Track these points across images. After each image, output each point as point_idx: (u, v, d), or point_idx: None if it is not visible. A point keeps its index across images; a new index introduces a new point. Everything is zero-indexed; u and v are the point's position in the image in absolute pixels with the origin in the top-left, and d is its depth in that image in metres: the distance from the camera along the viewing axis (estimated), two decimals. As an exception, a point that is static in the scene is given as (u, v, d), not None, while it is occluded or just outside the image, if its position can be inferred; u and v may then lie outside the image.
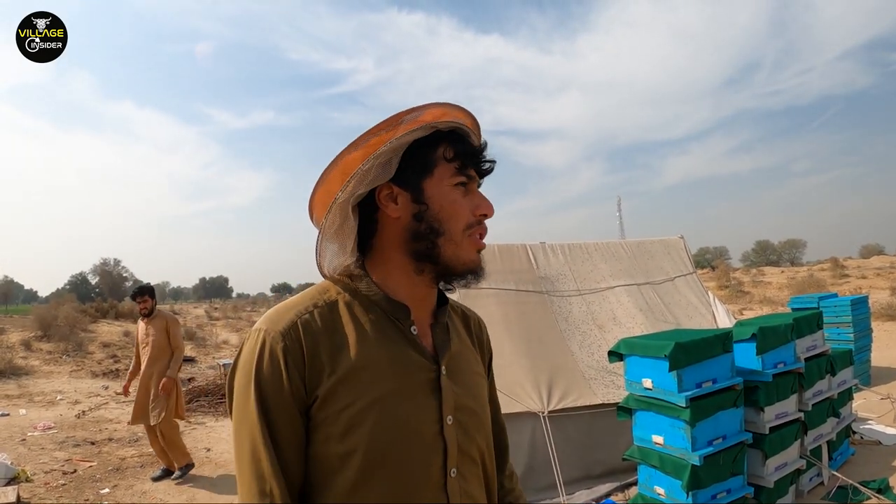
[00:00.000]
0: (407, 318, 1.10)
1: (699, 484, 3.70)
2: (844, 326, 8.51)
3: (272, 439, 0.97)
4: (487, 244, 1.14)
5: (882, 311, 15.31)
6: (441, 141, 1.10)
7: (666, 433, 3.86)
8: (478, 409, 1.16)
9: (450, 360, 1.13)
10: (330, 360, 1.00)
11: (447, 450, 1.06)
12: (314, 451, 1.00)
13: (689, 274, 7.00)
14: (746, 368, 4.25)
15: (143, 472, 6.38)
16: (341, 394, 0.99)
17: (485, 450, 1.18)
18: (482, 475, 1.17)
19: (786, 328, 4.49)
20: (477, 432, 1.13)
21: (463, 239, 1.09)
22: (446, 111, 1.10)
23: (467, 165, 1.10)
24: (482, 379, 1.24)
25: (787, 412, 4.40)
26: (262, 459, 0.96)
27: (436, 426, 1.05)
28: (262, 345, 1.00)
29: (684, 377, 3.73)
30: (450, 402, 1.08)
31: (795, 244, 73.96)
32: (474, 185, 1.13)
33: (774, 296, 24.32)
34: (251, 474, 0.96)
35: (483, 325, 1.36)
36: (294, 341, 1.00)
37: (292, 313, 1.04)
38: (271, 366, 0.99)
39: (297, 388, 0.99)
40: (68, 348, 15.22)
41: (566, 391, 5.02)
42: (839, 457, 5.31)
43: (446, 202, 1.09)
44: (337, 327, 1.05)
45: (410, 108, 1.07)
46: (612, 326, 5.84)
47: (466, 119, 1.14)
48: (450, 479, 1.06)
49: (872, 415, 6.88)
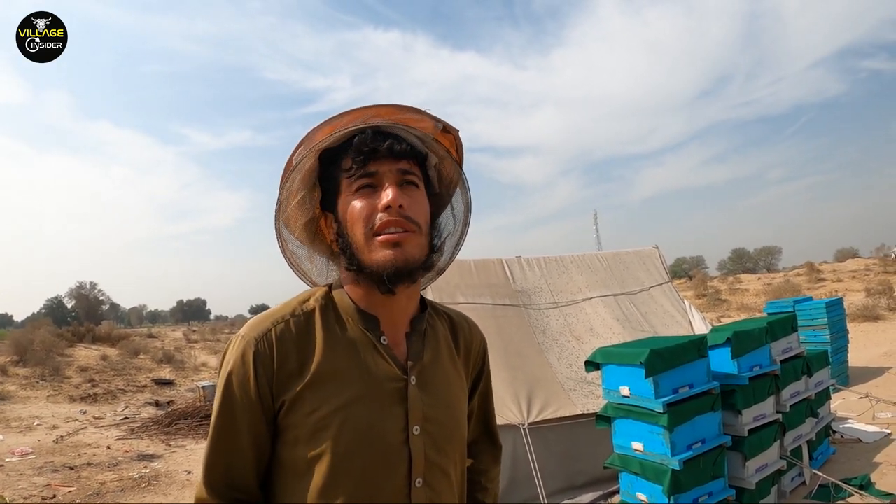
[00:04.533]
0: (376, 328, 1.11)
1: (680, 488, 3.71)
2: (820, 329, 8.61)
3: (229, 439, 1.03)
4: (463, 259, 1.14)
5: (858, 313, 15.53)
6: (342, 153, 1.08)
7: (645, 439, 3.86)
8: (449, 421, 1.14)
9: (421, 371, 1.12)
10: (299, 368, 1.03)
11: (412, 460, 1.05)
12: (282, 456, 1.04)
13: (664, 283, 7.06)
14: (722, 372, 4.28)
15: (123, 496, 6.30)
16: (308, 399, 1.01)
17: (458, 463, 1.16)
18: (456, 486, 1.16)
19: (760, 332, 4.54)
20: (447, 444, 1.12)
21: (367, 241, 1.05)
22: (334, 125, 1.08)
23: (365, 163, 1.05)
24: (461, 390, 1.22)
25: (765, 414, 4.43)
26: (217, 454, 1.04)
27: (401, 435, 1.06)
28: (236, 349, 1.05)
29: (661, 383, 3.75)
30: (417, 413, 1.08)
31: (771, 251, 74.91)
32: (388, 177, 1.06)
33: (752, 302, 24.57)
34: (204, 466, 1.05)
35: (476, 331, 1.32)
36: (266, 347, 1.03)
37: (269, 321, 1.07)
38: (242, 369, 1.03)
39: (265, 393, 1.02)
40: (45, 373, 14.93)
41: (546, 403, 5.02)
42: (820, 456, 5.35)
43: (348, 212, 1.07)
44: (310, 336, 1.07)
45: (301, 140, 1.10)
46: (590, 338, 5.86)
47: (371, 116, 1.09)
48: (415, 489, 1.05)
49: (851, 414, 6.95)
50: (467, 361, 1.27)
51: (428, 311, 1.21)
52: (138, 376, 16.18)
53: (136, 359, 18.92)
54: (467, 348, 1.27)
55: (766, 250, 75.23)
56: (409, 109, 1.11)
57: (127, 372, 16.52)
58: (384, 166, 1.06)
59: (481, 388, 1.33)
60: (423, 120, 1.13)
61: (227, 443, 1.04)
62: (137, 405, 12.47)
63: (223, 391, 1.04)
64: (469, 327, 1.31)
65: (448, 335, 1.24)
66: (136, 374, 16.41)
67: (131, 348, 19.88)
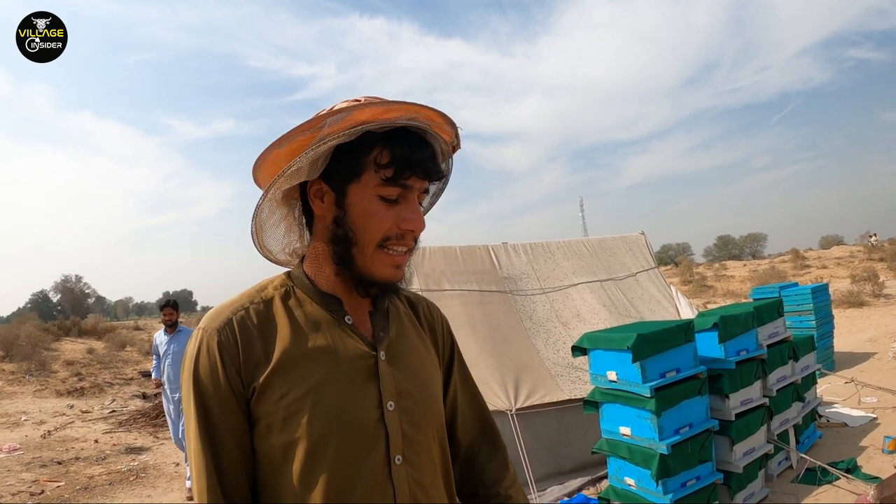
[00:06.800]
0: (340, 308, 1.09)
1: (668, 472, 3.72)
2: (806, 314, 8.66)
3: (209, 435, 0.99)
4: (449, 246, 1.12)
5: (843, 299, 15.63)
6: (379, 141, 1.01)
7: (633, 424, 3.87)
8: (424, 395, 1.12)
9: (390, 346, 1.10)
10: (265, 354, 1.01)
11: (389, 436, 1.04)
12: (259, 446, 1.01)
13: (650, 269, 7.08)
14: (709, 357, 4.29)
15: (111, 490, 6.27)
16: (277, 384, 0.99)
17: (436, 437, 1.14)
18: (439, 464, 1.14)
19: (747, 316, 4.55)
20: (423, 418, 1.10)
21: (375, 253, 1.04)
22: (386, 111, 1.00)
23: (403, 175, 1.02)
24: (432, 366, 1.20)
25: (751, 398, 4.44)
26: (200, 455, 0.98)
27: (376, 413, 1.04)
28: (199, 342, 1.02)
29: (648, 368, 3.75)
30: (390, 388, 1.06)
31: (756, 238, 75.59)
32: (412, 194, 1.05)
33: (737, 289, 24.69)
34: (195, 470, 0.99)
35: (435, 309, 1.32)
36: (229, 337, 1.01)
37: (229, 311, 1.05)
38: (208, 362, 1.00)
39: (235, 382, 1.00)
40: (31, 368, 14.82)
41: (533, 389, 5.03)
42: (806, 440, 5.40)
43: (364, 212, 1.03)
44: (271, 322, 1.05)
45: (338, 109, 1.00)
46: (577, 323, 5.88)
47: (419, 114, 1.04)
48: (395, 467, 1.03)
49: (837, 398, 7.02)
50: (434, 338, 1.26)
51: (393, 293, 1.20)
52: (125, 369, 16.08)
53: (122, 351, 18.83)
54: (430, 325, 1.26)
55: (752, 237, 75.94)
56: (443, 116, 1.07)
57: (114, 365, 16.42)
58: (417, 183, 1.04)
59: (459, 372, 1.30)
60: (446, 129, 1.11)
61: (210, 444, 0.98)
62: (125, 398, 12.37)
63: (193, 388, 0.99)
64: (427, 305, 1.30)
65: (409, 312, 1.24)
66: (122, 367, 16.31)
67: (118, 341, 19.79)
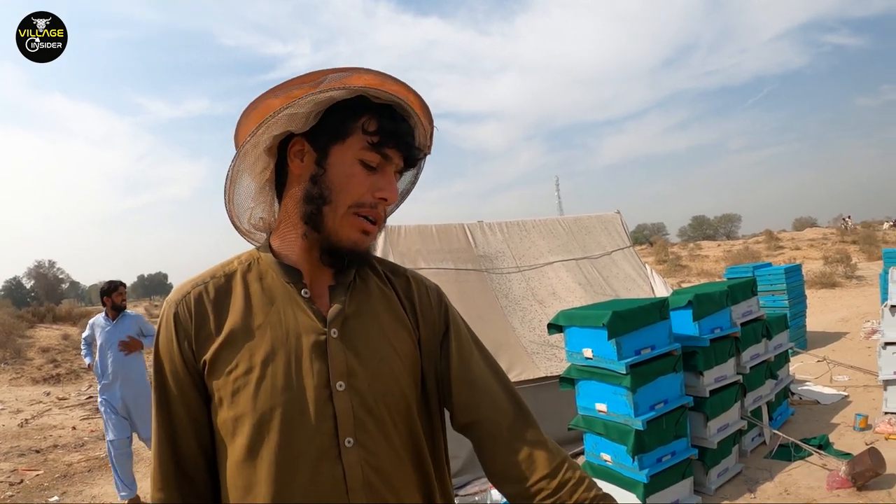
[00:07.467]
0: (299, 280, 1.07)
1: (644, 448, 3.75)
2: (779, 294, 8.77)
3: (164, 405, 1.04)
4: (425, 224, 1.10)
5: (816, 280, 15.88)
6: (368, 111, 1.03)
7: (608, 401, 3.90)
8: (380, 377, 1.05)
9: (345, 323, 1.06)
10: (216, 327, 1.03)
11: (338, 417, 1.00)
12: (215, 420, 1.03)
13: (626, 248, 7.10)
14: (684, 334, 4.33)
15: (90, 476, 6.21)
16: (224, 357, 1.01)
17: (401, 424, 1.07)
18: (405, 450, 1.07)
19: (721, 295, 4.59)
20: (379, 401, 1.03)
21: (346, 215, 1.04)
22: (384, 82, 1.03)
23: (387, 144, 1.04)
24: (402, 344, 1.11)
25: (725, 375, 4.50)
26: (155, 423, 1.04)
27: (324, 391, 1.00)
28: (161, 315, 1.07)
29: (623, 345, 3.77)
30: (339, 367, 1.02)
31: (731, 218, 76.61)
32: (390, 167, 1.07)
33: (711, 268, 24.91)
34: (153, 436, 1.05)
35: (420, 282, 1.21)
36: (184, 309, 1.04)
37: (189, 285, 1.07)
38: (166, 333, 1.04)
39: (188, 356, 1.02)
40: (6, 356, 14.58)
41: (509, 366, 5.02)
42: (779, 416, 5.49)
43: (343, 173, 1.04)
44: (228, 296, 1.06)
45: (339, 68, 1.03)
46: (553, 301, 5.87)
47: (409, 97, 1.07)
48: (345, 449, 0.99)
49: (810, 376, 7.14)
50: (416, 314, 1.16)
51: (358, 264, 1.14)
52: (101, 355, 15.89)
53: (98, 337, 18.58)
54: (410, 299, 1.17)
55: (726, 218, 76.93)
56: (425, 109, 1.12)
57: (89, 351, 16.21)
58: (397, 157, 1.07)
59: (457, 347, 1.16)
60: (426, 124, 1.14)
61: (167, 415, 1.04)
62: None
63: (154, 358, 1.06)
64: (410, 277, 1.22)
65: (385, 287, 1.16)
66: (98, 353, 16.12)
67: (93, 327, 19.53)
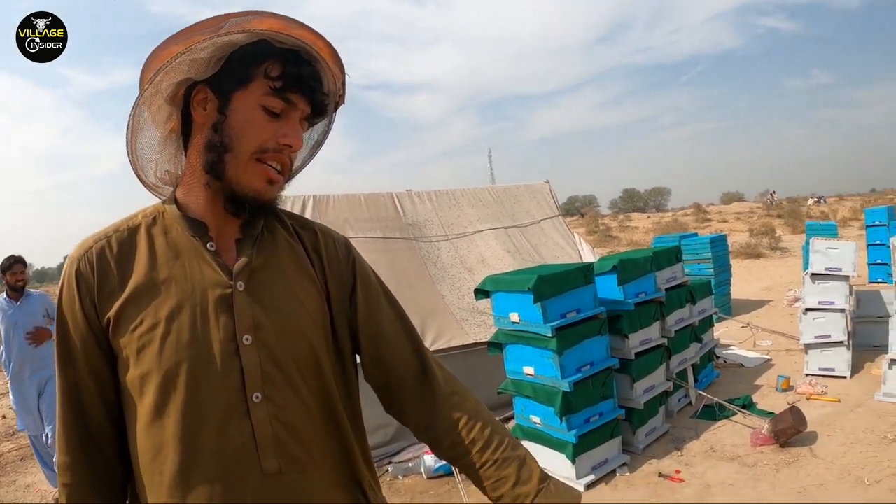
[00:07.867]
0: (204, 234, 1.04)
1: (571, 409, 3.83)
2: (705, 262, 9.08)
3: (66, 361, 1.02)
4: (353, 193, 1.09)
5: (741, 251, 16.52)
6: (272, 56, 1.00)
7: (536, 364, 3.96)
8: (288, 331, 1.03)
9: (252, 276, 1.04)
10: (120, 283, 1.01)
11: (245, 372, 0.98)
12: (122, 380, 1.00)
13: (554, 217, 7.20)
14: (609, 299, 4.42)
15: (23, 465, 5.95)
16: (129, 314, 0.99)
17: (308, 375, 1.05)
18: (316, 405, 1.06)
19: (645, 261, 4.71)
20: (287, 355, 1.02)
21: (249, 162, 1.01)
22: (288, 26, 1.00)
23: (290, 89, 1.01)
24: (310, 298, 1.09)
25: (650, 338, 4.63)
26: (58, 379, 1.02)
27: (230, 346, 0.99)
28: (63, 271, 1.04)
29: (549, 308, 3.83)
30: (245, 321, 1.00)
31: (661, 192, 78.71)
32: (296, 113, 1.04)
33: (641, 239, 25.57)
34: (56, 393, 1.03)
35: (328, 235, 1.20)
36: (87, 265, 1.01)
37: (92, 240, 1.04)
38: (68, 290, 1.01)
39: (90, 313, 1.00)
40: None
41: (439, 333, 5.06)
42: (705, 378, 5.69)
43: (245, 120, 1.01)
44: (132, 251, 1.04)
45: (241, 12, 0.99)
46: (481, 269, 5.91)
47: (317, 43, 1.04)
48: (253, 404, 0.98)
49: (734, 341, 7.43)
50: (323, 266, 1.15)
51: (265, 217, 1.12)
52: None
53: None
54: (318, 252, 1.15)
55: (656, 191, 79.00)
56: (336, 57, 1.08)
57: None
58: (302, 103, 1.04)
59: (364, 299, 1.17)
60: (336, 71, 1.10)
61: (71, 377, 1.01)
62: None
63: (57, 318, 1.02)
64: (318, 231, 1.20)
65: (292, 240, 1.14)
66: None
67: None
